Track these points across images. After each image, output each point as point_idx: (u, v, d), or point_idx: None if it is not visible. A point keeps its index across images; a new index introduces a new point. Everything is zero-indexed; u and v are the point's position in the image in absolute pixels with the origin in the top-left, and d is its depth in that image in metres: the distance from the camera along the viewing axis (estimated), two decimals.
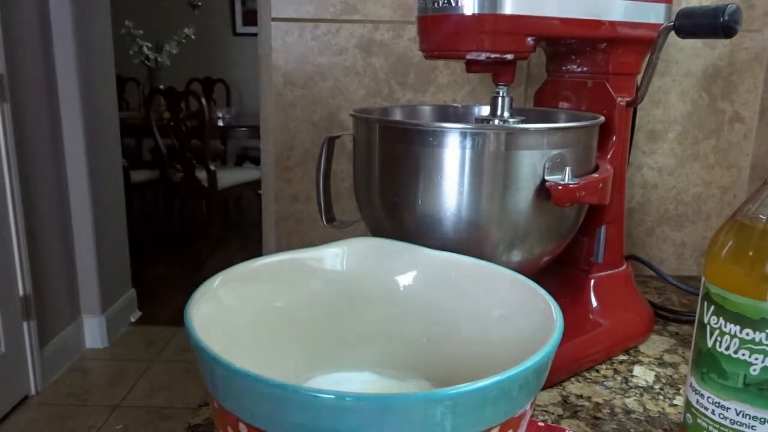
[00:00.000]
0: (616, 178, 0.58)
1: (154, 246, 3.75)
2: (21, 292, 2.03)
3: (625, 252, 0.67)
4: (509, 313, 0.42)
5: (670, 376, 0.57)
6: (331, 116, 0.80)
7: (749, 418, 0.39)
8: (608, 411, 0.51)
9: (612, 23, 0.55)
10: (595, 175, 0.52)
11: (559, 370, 0.55)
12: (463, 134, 0.49)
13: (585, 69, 0.62)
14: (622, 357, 0.61)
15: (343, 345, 0.47)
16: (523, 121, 0.57)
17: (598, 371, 0.58)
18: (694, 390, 0.42)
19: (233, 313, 0.41)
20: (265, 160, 0.82)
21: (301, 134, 0.80)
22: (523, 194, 0.49)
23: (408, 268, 0.48)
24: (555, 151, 0.49)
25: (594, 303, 0.62)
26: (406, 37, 0.77)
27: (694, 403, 0.42)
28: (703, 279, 0.42)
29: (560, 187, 0.48)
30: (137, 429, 1.99)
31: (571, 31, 0.54)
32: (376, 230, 0.56)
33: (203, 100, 3.21)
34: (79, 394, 2.18)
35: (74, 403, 2.12)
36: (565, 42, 0.61)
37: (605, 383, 0.56)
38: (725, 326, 0.39)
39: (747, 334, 0.38)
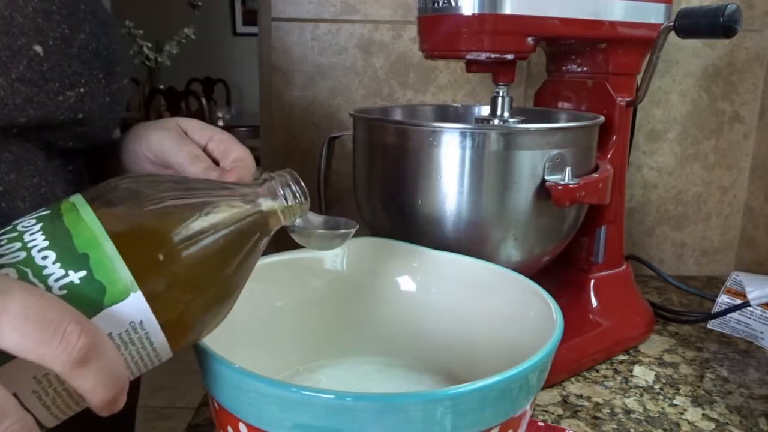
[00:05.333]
0: (616, 178, 0.58)
1: None
2: None
3: (625, 252, 0.67)
4: (509, 313, 0.42)
5: (670, 376, 0.57)
6: (331, 116, 0.80)
7: None
8: (608, 411, 0.51)
9: (612, 23, 0.55)
10: (595, 175, 0.52)
11: (559, 370, 0.55)
12: (463, 134, 0.49)
13: (585, 69, 0.62)
14: (622, 357, 0.61)
15: (343, 344, 0.47)
16: (523, 121, 0.57)
17: (598, 371, 0.58)
18: None
19: (233, 312, 0.41)
20: (265, 161, 0.82)
21: (301, 134, 0.80)
22: (523, 194, 0.49)
23: (408, 268, 0.48)
24: (555, 151, 0.49)
25: (594, 303, 0.62)
26: (406, 37, 0.77)
27: None
28: None
29: (560, 187, 0.48)
30: (137, 429, 1.99)
31: (571, 31, 0.54)
32: (376, 230, 0.56)
33: (203, 100, 3.21)
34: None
35: None
36: (565, 42, 0.61)
37: (605, 383, 0.56)
38: None
39: None
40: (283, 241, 0.40)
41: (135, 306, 0.26)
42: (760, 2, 0.77)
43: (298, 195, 0.34)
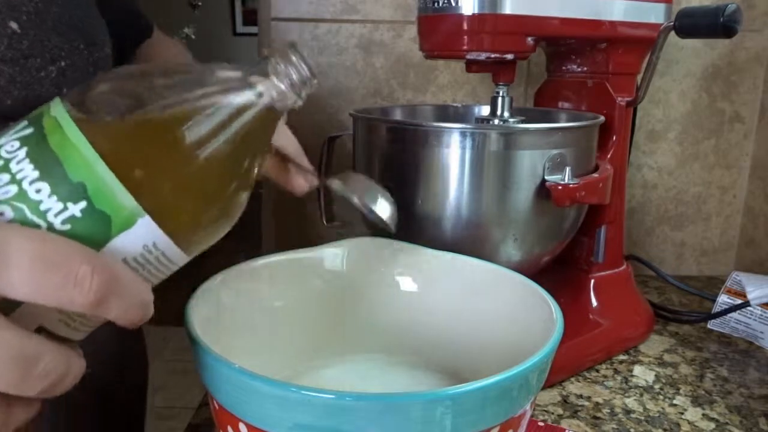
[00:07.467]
0: (616, 178, 0.58)
1: None
2: None
3: (625, 252, 0.67)
4: (509, 313, 0.42)
5: (670, 376, 0.57)
6: (331, 116, 0.80)
7: None
8: (608, 411, 0.51)
9: (612, 23, 0.55)
10: (595, 175, 0.52)
11: (559, 370, 0.55)
12: (463, 134, 0.49)
13: (585, 69, 0.62)
14: (622, 357, 0.61)
15: (344, 344, 0.47)
16: (523, 121, 0.57)
17: (598, 371, 0.58)
18: None
19: (233, 312, 0.41)
20: None
21: (301, 134, 0.80)
22: (523, 194, 0.49)
23: (408, 268, 0.48)
24: (555, 151, 0.49)
25: (594, 303, 0.62)
26: (406, 37, 0.77)
27: None
28: None
29: (560, 187, 0.48)
30: None
31: (571, 31, 0.54)
32: (376, 230, 0.56)
33: None
34: None
35: None
36: (565, 42, 0.61)
37: (605, 383, 0.56)
38: None
39: None
40: (283, 241, 0.40)
41: (145, 230, 0.25)
42: (760, 2, 0.77)
43: (303, 70, 0.29)
